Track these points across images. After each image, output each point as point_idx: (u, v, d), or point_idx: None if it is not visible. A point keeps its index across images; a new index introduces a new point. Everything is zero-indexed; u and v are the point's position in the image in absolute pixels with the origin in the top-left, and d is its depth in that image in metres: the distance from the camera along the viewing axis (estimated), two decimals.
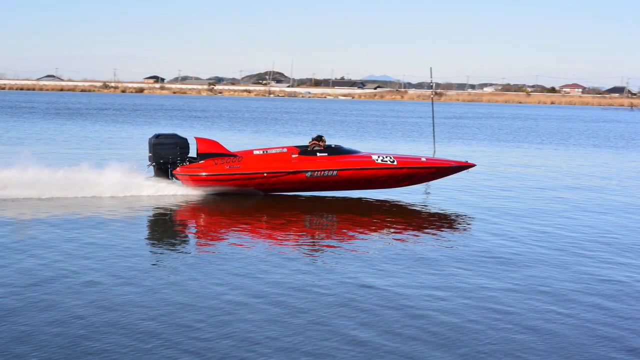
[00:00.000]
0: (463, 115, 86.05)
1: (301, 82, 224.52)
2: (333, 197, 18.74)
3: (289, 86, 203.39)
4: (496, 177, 24.26)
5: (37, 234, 13.56)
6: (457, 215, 16.86)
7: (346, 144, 22.83)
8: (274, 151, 18.23)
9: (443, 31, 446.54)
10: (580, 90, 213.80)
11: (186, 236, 14.45)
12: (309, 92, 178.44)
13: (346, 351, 8.17)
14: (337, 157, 18.14)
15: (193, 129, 46.47)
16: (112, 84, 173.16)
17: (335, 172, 17.95)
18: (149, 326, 8.72)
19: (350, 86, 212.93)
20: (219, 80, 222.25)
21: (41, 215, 15.35)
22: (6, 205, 16.15)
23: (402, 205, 18.11)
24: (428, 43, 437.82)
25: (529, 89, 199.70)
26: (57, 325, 8.65)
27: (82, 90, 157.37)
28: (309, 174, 17.94)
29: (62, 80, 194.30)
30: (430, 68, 39.45)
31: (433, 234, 14.60)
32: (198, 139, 18.36)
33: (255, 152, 18.29)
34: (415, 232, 14.82)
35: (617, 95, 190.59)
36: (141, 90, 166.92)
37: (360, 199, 18.70)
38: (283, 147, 18.43)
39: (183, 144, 18.31)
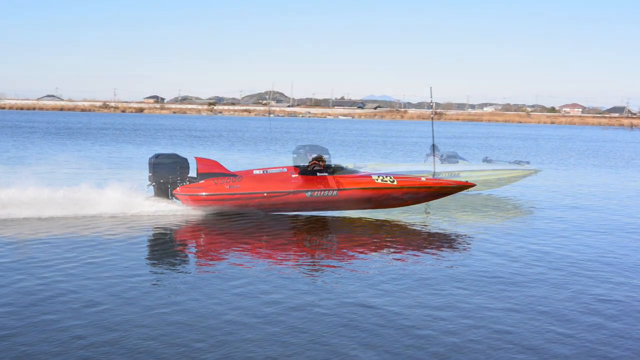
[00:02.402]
0: (463, 135, 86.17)
1: (301, 102, 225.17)
2: (333, 216, 18.74)
3: (289, 106, 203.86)
4: (496, 197, 24.27)
5: (37, 253, 13.54)
6: (457, 235, 16.85)
7: (346, 164, 22.84)
8: (274, 171, 18.26)
9: (443, 51, 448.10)
10: (580, 110, 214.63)
11: (186, 256, 14.42)
12: (309, 112, 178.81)
13: None
14: (337, 177, 18.16)
15: (193, 148, 46.52)
16: (112, 104, 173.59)
17: (335, 192, 17.97)
18: (149, 346, 8.70)
19: (350, 106, 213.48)
20: (219, 100, 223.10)
21: (41, 234, 15.35)
22: (6, 225, 16.14)
23: (401, 224, 18.11)
24: (428, 63, 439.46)
25: (529, 109, 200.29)
26: (57, 346, 8.63)
27: (82, 110, 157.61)
28: (309, 193, 17.95)
29: (62, 99, 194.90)
30: (430, 88, 39.52)
31: (433, 254, 14.59)
32: (198, 159, 18.39)
33: (255, 171, 18.31)
34: (415, 252, 14.81)
35: (617, 114, 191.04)
36: (141, 110, 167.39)
37: (360, 218, 18.70)
38: (283, 167, 18.44)
39: (183, 163, 18.34)
